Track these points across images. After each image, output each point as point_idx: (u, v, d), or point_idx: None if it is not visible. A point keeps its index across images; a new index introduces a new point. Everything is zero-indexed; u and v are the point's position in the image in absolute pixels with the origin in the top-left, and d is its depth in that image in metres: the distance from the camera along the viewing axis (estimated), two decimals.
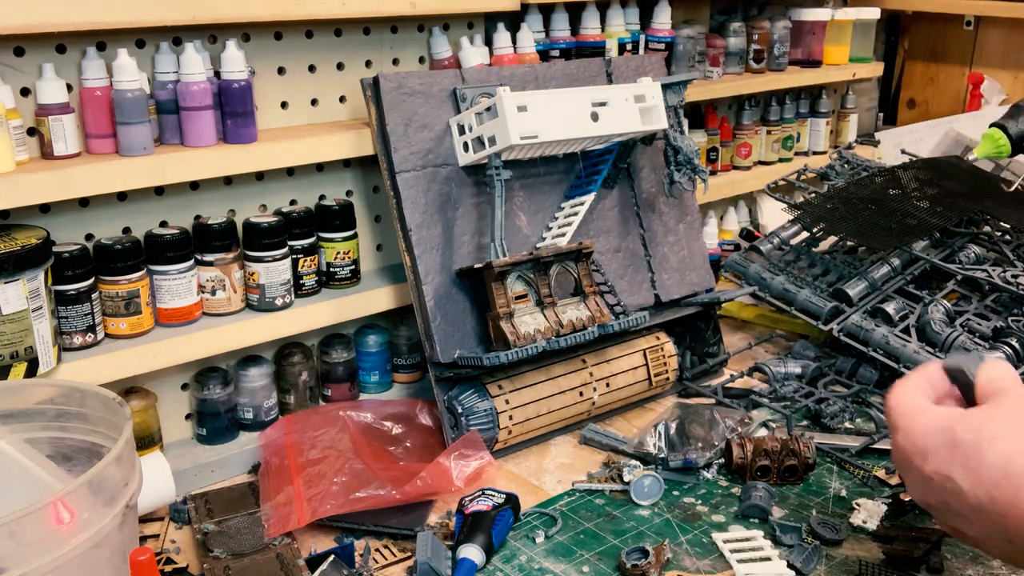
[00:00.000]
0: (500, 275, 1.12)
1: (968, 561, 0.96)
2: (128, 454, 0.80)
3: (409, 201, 1.16)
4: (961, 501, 0.63)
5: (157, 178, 1.05)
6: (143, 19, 1.01)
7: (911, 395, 0.69)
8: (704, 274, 1.42)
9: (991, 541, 0.63)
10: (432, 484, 1.04)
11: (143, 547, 0.72)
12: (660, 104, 1.23)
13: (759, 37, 1.77)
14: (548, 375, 1.21)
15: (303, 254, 1.19)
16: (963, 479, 0.62)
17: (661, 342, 1.33)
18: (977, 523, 0.63)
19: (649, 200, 1.37)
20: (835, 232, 1.47)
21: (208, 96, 1.08)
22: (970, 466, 0.62)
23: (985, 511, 0.61)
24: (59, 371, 1.00)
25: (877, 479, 1.12)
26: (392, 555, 1.00)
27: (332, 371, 1.27)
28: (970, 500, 0.62)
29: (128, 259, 1.06)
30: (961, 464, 0.62)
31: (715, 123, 1.77)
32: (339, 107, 1.29)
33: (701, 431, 1.18)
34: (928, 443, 0.65)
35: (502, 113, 1.09)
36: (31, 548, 0.69)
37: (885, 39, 2.29)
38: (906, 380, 0.72)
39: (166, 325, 1.11)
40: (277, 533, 1.00)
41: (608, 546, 1.00)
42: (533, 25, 1.42)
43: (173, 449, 1.16)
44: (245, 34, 1.18)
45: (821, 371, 1.38)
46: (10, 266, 0.92)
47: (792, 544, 0.98)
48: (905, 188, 1.51)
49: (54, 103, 1.01)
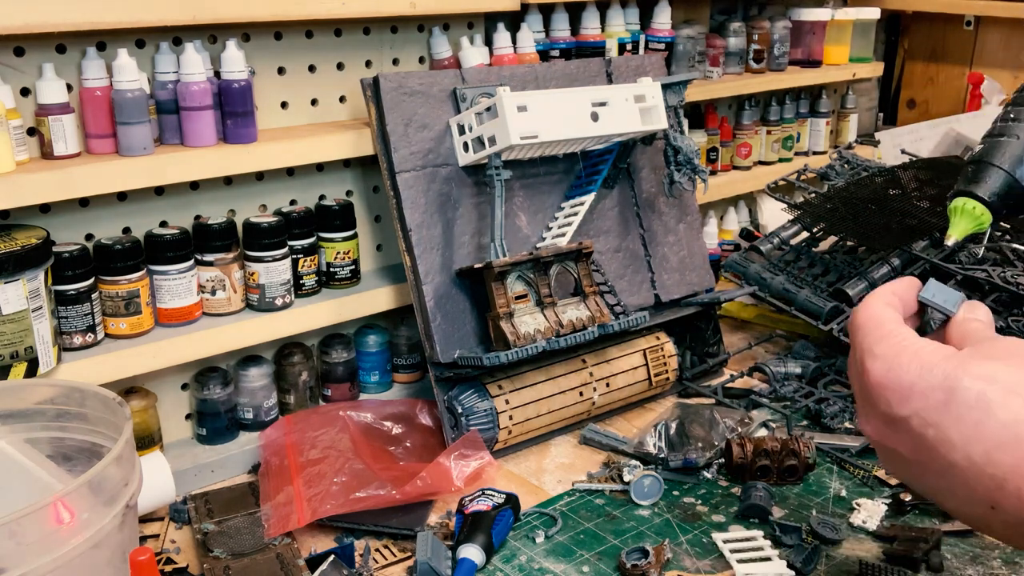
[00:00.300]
0: (500, 275, 1.12)
1: (968, 561, 0.96)
2: (128, 454, 0.80)
3: (409, 201, 1.16)
4: (942, 453, 0.55)
5: (157, 178, 1.05)
6: (143, 19, 1.01)
7: (890, 320, 0.61)
8: (704, 274, 1.42)
9: (964, 501, 0.56)
10: (432, 484, 1.04)
11: (143, 547, 0.72)
12: (660, 104, 1.23)
13: (759, 37, 1.77)
14: (548, 375, 1.21)
15: (303, 254, 1.19)
16: (956, 431, 0.55)
17: (661, 342, 1.33)
18: (954, 480, 0.56)
19: (649, 200, 1.37)
20: (835, 232, 1.47)
21: (208, 96, 1.08)
22: (970, 418, 0.54)
23: (974, 471, 0.54)
24: (59, 371, 1.00)
25: (877, 479, 1.12)
26: (392, 555, 1.00)
27: (332, 371, 1.27)
28: (957, 455, 0.55)
29: (128, 259, 1.06)
30: (957, 414, 0.55)
31: (715, 123, 1.77)
32: (339, 107, 1.29)
33: (701, 431, 1.18)
34: (917, 383, 0.57)
35: (502, 113, 1.09)
36: (31, 548, 0.69)
37: (885, 39, 2.29)
38: (878, 297, 0.64)
39: (166, 325, 1.11)
40: (277, 533, 1.00)
41: (608, 546, 1.00)
42: (533, 25, 1.42)
43: (173, 449, 1.16)
44: (245, 34, 1.18)
45: (821, 371, 1.38)
46: (10, 266, 0.92)
47: (792, 544, 0.98)
48: (905, 188, 1.51)
49: (54, 103, 1.01)
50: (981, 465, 0.54)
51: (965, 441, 0.55)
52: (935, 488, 0.58)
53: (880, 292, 0.65)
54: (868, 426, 0.61)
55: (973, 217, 0.97)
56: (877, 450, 0.62)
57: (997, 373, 0.55)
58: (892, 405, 0.58)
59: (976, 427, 0.54)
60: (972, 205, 0.98)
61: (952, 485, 0.56)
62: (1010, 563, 0.96)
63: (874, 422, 0.60)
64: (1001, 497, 0.54)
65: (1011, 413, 0.54)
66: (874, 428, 0.61)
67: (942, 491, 0.57)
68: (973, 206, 0.97)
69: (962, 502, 0.57)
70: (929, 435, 0.56)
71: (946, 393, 0.56)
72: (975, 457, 0.54)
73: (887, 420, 0.59)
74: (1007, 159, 1.00)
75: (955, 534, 1.00)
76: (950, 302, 0.66)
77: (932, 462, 0.57)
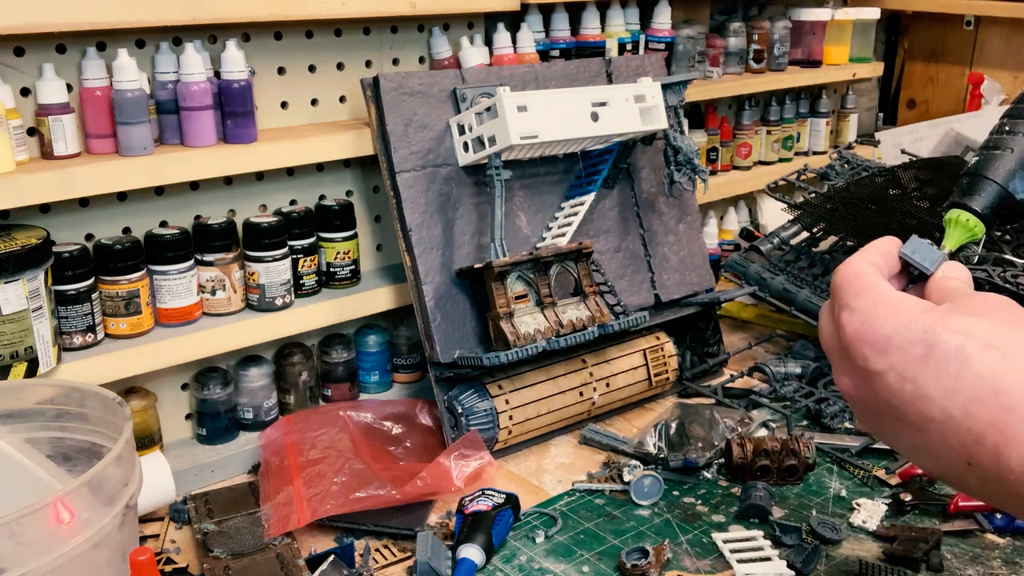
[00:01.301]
0: (500, 275, 1.12)
1: (968, 561, 0.96)
2: (128, 454, 0.80)
3: (409, 201, 1.16)
4: (919, 408, 0.55)
5: (157, 178, 1.05)
6: (143, 19, 1.01)
7: (870, 275, 0.61)
8: (704, 274, 1.42)
9: (941, 458, 0.55)
10: (432, 484, 1.04)
11: (143, 547, 0.72)
12: (660, 104, 1.23)
13: (759, 37, 1.77)
14: (548, 375, 1.21)
15: (303, 254, 1.19)
16: (934, 385, 0.54)
17: (661, 342, 1.33)
18: (930, 435, 0.55)
19: (649, 200, 1.37)
20: (835, 232, 1.47)
21: (208, 96, 1.08)
22: (948, 372, 0.53)
23: (952, 425, 0.54)
24: (59, 371, 1.00)
25: (877, 479, 1.12)
26: (392, 555, 1.00)
27: (332, 371, 1.27)
28: (935, 410, 0.54)
29: (128, 259, 1.06)
30: (936, 368, 0.54)
31: (715, 123, 1.77)
32: (339, 107, 1.29)
33: (701, 431, 1.18)
34: (894, 335, 0.56)
35: (502, 113, 1.09)
36: (31, 548, 0.69)
37: (885, 39, 2.29)
38: (861, 255, 0.64)
39: (166, 325, 1.11)
40: (277, 533, 1.00)
41: (608, 546, 1.00)
42: (533, 25, 1.42)
43: (173, 449, 1.16)
44: (245, 34, 1.18)
45: (821, 371, 1.38)
46: (10, 266, 0.92)
47: (792, 544, 0.98)
48: (905, 188, 1.51)
49: (54, 103, 1.01)
50: (959, 419, 0.53)
51: (943, 395, 0.54)
52: (911, 445, 0.57)
53: (863, 250, 0.65)
54: (843, 381, 0.60)
55: (967, 229, 1.00)
56: (852, 407, 0.62)
57: (975, 327, 0.55)
58: (869, 359, 0.57)
59: (954, 380, 0.53)
60: (966, 217, 1.00)
61: (929, 441, 0.56)
62: (1010, 563, 0.96)
63: (849, 378, 0.60)
64: (978, 452, 0.53)
65: (988, 367, 0.53)
66: (850, 384, 0.60)
67: (919, 448, 0.57)
68: (967, 218, 0.99)
69: (939, 459, 0.56)
70: (906, 390, 0.55)
71: (925, 347, 0.55)
72: (953, 411, 0.53)
73: (864, 375, 0.58)
74: (1001, 173, 1.02)
75: (955, 534, 1.00)
76: (929, 260, 0.66)
77: (909, 417, 0.56)
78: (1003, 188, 1.00)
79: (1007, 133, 1.03)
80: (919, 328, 0.56)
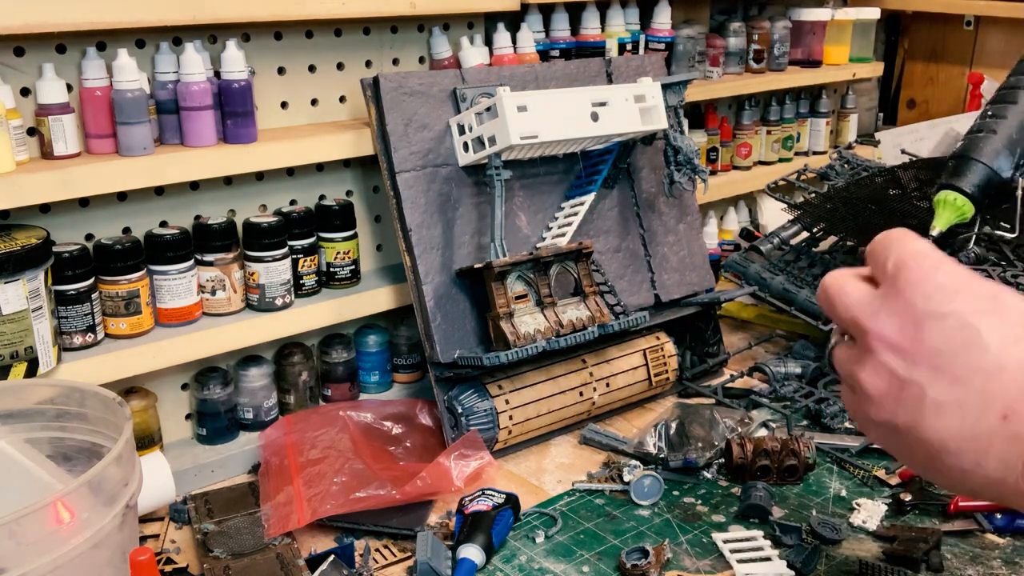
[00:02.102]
0: (500, 275, 1.12)
1: (968, 561, 0.96)
2: (128, 454, 0.80)
3: (409, 201, 1.16)
4: (970, 356, 0.55)
5: (157, 178, 1.05)
6: (143, 19, 1.01)
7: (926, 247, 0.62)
8: (704, 274, 1.42)
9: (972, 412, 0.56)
10: (432, 484, 1.04)
11: (143, 547, 0.72)
12: (660, 104, 1.23)
13: (759, 37, 1.77)
14: (548, 375, 1.21)
15: (303, 254, 1.19)
16: (995, 335, 0.55)
17: (661, 342, 1.33)
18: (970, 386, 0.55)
19: (649, 200, 1.37)
20: (835, 232, 1.47)
21: (208, 96, 1.08)
22: (1010, 321, 0.55)
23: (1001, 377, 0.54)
24: (59, 371, 1.00)
25: (877, 479, 1.12)
26: (392, 555, 1.00)
27: (332, 371, 1.27)
28: (987, 359, 0.55)
29: (128, 259, 1.06)
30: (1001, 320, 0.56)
31: (715, 123, 1.77)
32: (339, 107, 1.29)
33: (701, 431, 1.18)
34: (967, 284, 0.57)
35: (502, 113, 1.09)
36: (31, 548, 0.69)
37: (885, 39, 2.29)
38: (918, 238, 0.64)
39: (166, 325, 1.11)
40: (277, 533, 1.00)
41: (608, 546, 1.00)
42: (533, 25, 1.42)
43: (173, 449, 1.16)
44: (245, 34, 1.18)
45: (821, 371, 1.38)
46: (10, 266, 0.92)
47: (792, 544, 0.98)
48: (905, 188, 1.51)
49: (54, 103, 1.01)
50: (1012, 370, 0.55)
51: (1001, 345, 0.55)
52: (938, 400, 0.57)
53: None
54: (886, 325, 0.59)
55: (956, 208, 1.01)
56: (883, 354, 0.59)
57: None
58: (933, 301, 0.57)
59: (1015, 328, 0.55)
60: (954, 197, 1.01)
61: (964, 394, 0.56)
62: (1010, 563, 0.96)
63: (897, 319, 0.59)
64: (1022, 406, 0.54)
65: None
66: (893, 328, 0.59)
67: (946, 403, 0.57)
68: (955, 198, 1.00)
69: (967, 415, 0.56)
70: (963, 336, 0.56)
71: (994, 301, 0.57)
72: (1007, 362, 0.55)
73: (917, 318, 0.58)
74: (986, 153, 1.03)
75: (955, 534, 1.00)
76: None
77: (954, 366, 0.56)
78: (988, 167, 1.00)
79: (990, 117, 1.04)
80: (989, 285, 0.58)
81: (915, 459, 0.59)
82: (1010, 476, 0.54)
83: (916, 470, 0.61)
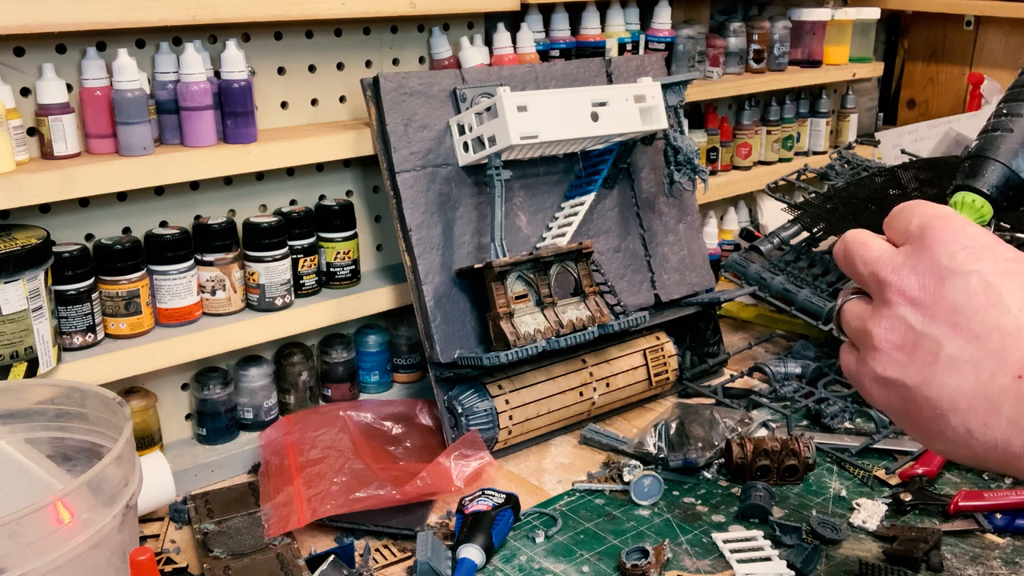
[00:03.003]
0: (500, 275, 1.12)
1: (968, 561, 0.96)
2: (128, 454, 0.80)
3: (409, 201, 1.16)
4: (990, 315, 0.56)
5: (157, 178, 1.05)
6: (143, 19, 1.01)
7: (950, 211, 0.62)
8: (704, 274, 1.42)
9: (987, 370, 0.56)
10: (432, 484, 1.04)
11: (143, 547, 0.72)
12: (660, 104, 1.23)
13: (759, 37, 1.77)
14: (548, 375, 1.21)
15: (303, 254, 1.19)
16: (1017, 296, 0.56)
17: (661, 342, 1.33)
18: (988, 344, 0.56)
19: (649, 200, 1.37)
20: (835, 232, 1.47)
21: (208, 96, 1.08)
22: None
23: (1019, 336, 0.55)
24: (59, 371, 1.00)
25: (877, 479, 1.12)
26: (392, 555, 1.00)
27: (332, 371, 1.27)
28: (1006, 319, 0.55)
29: (128, 259, 1.06)
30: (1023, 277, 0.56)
31: (715, 123, 1.77)
32: (339, 107, 1.29)
33: (701, 431, 1.18)
34: (992, 246, 0.58)
35: (502, 113, 1.09)
36: (31, 548, 0.69)
37: (885, 39, 2.29)
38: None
39: (166, 325, 1.11)
40: (277, 533, 1.00)
41: (608, 546, 1.00)
42: (533, 25, 1.42)
43: (173, 449, 1.16)
44: (245, 34, 1.18)
45: (821, 371, 1.38)
46: (10, 266, 0.92)
47: (792, 544, 0.98)
48: (905, 188, 1.51)
49: (54, 103, 1.01)
50: None
51: (1022, 306, 0.55)
52: (953, 356, 0.57)
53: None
54: (908, 280, 0.59)
55: (974, 210, 0.99)
56: (901, 307, 0.59)
57: None
58: (959, 259, 0.58)
59: None
60: (972, 198, 0.99)
61: (981, 351, 0.56)
62: (1010, 563, 0.96)
63: (919, 276, 0.59)
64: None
65: None
66: (915, 283, 0.59)
67: (961, 360, 0.57)
68: (973, 199, 0.99)
69: (981, 372, 0.56)
70: (984, 295, 0.57)
71: (1019, 264, 0.57)
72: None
73: (940, 274, 0.58)
74: (1003, 152, 1.02)
75: (955, 534, 1.00)
76: None
77: (972, 324, 0.56)
78: (1007, 167, 0.99)
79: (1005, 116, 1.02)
80: (1014, 250, 0.58)
81: (917, 420, 0.59)
82: (1016, 438, 0.54)
83: (914, 433, 0.60)
